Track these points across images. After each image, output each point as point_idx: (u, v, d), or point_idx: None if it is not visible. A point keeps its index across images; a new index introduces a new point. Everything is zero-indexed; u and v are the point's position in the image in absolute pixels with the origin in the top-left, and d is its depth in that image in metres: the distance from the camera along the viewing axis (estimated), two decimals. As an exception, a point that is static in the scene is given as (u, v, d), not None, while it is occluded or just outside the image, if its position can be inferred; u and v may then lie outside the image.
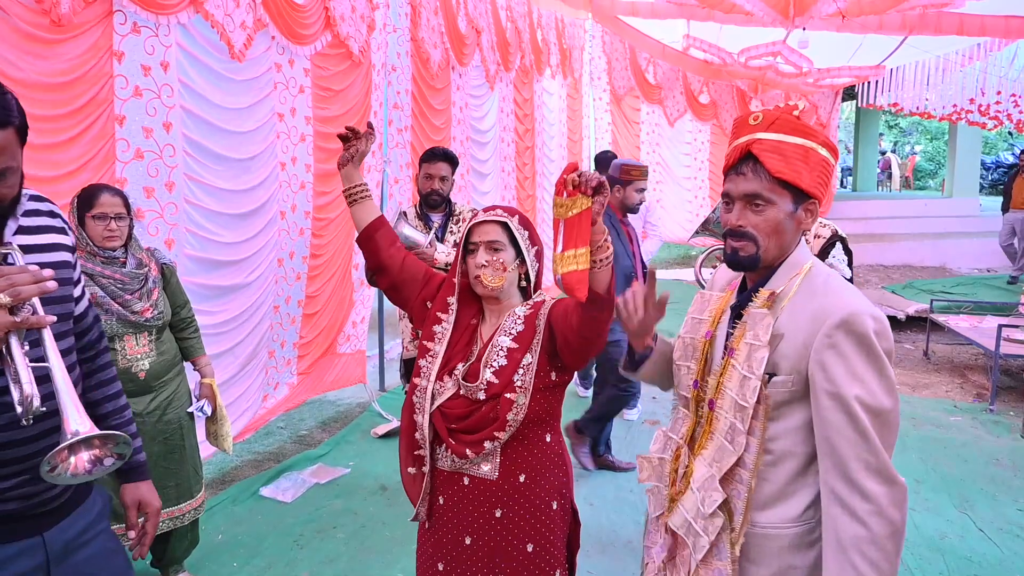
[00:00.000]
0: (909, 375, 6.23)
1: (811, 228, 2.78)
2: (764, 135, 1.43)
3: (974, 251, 10.74)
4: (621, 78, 9.84)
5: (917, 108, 11.88)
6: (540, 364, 1.76)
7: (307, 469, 4.10)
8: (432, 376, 1.80)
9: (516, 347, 1.76)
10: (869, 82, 11.40)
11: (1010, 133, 19.25)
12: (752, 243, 1.44)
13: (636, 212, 4.15)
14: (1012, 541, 3.44)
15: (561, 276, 1.49)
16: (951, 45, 9.74)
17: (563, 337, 1.72)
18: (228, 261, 3.76)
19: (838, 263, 2.76)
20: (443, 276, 1.95)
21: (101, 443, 1.23)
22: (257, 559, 3.20)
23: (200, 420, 2.95)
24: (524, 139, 7.73)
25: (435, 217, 3.57)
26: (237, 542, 3.33)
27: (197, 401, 2.90)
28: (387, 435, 4.59)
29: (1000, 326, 5.41)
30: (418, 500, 1.84)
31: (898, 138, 26.29)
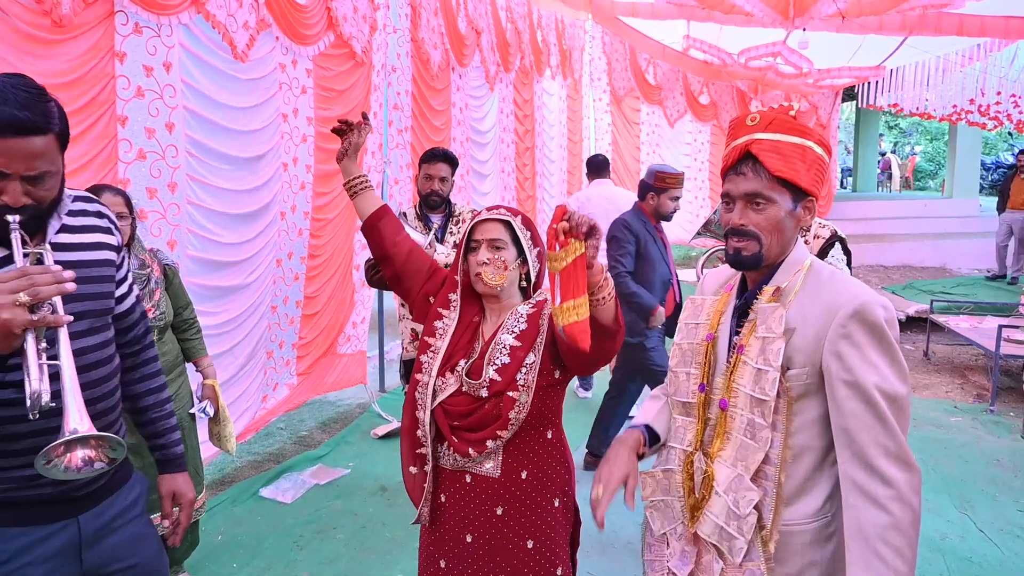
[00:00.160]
0: (909, 376, 6.22)
1: (810, 225, 2.81)
2: (762, 135, 1.45)
3: (974, 251, 10.75)
4: (621, 79, 9.83)
5: (917, 109, 11.91)
6: (543, 363, 1.76)
7: (307, 470, 4.10)
8: (434, 372, 1.79)
9: (519, 345, 1.76)
10: (869, 83, 11.42)
11: (1010, 134, 19.27)
12: (755, 242, 1.46)
13: (670, 220, 3.98)
14: (1012, 542, 3.44)
15: (563, 328, 1.48)
16: (951, 46, 9.76)
17: (570, 352, 1.70)
18: (229, 262, 3.76)
19: (837, 263, 2.76)
20: (447, 272, 1.95)
21: (96, 444, 1.29)
22: (257, 560, 3.20)
23: (202, 421, 2.95)
24: (524, 140, 7.73)
25: (435, 218, 3.57)
26: (237, 543, 3.33)
27: (199, 402, 2.90)
28: (387, 436, 4.59)
29: (1000, 326, 5.42)
30: (420, 501, 1.83)
31: (898, 139, 26.30)
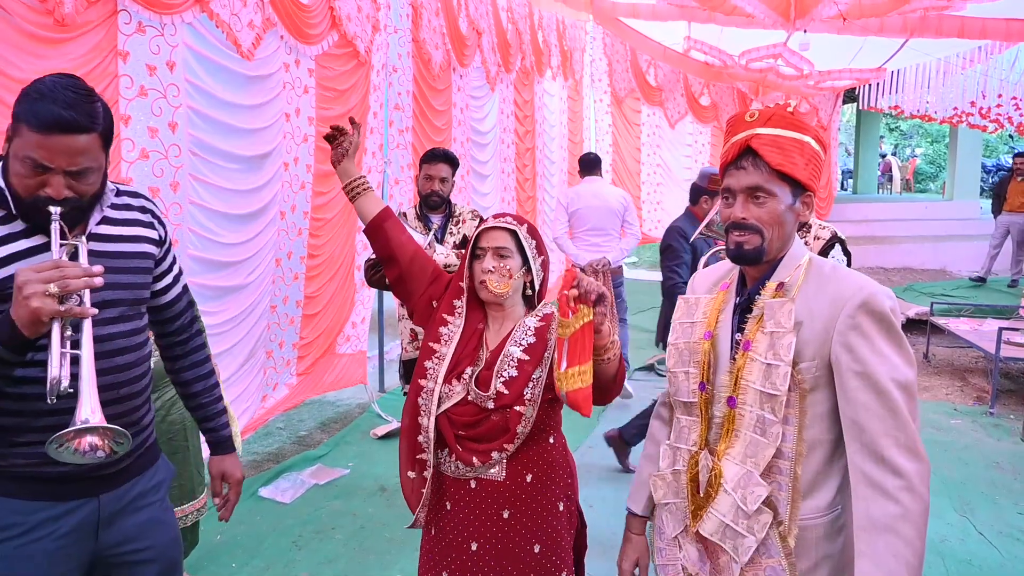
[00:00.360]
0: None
1: (810, 224, 2.80)
2: (762, 130, 1.46)
3: (974, 254, 10.73)
4: (622, 80, 9.84)
5: (918, 111, 11.92)
6: (549, 377, 1.75)
7: (306, 470, 4.09)
8: (439, 378, 1.78)
9: (527, 359, 1.76)
10: (870, 85, 11.42)
11: (1011, 136, 19.27)
12: (757, 235, 1.46)
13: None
14: (1012, 545, 3.44)
15: (566, 393, 1.48)
16: (952, 48, 9.75)
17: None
18: (230, 262, 3.76)
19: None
20: (451, 277, 1.93)
21: (103, 433, 1.34)
22: (256, 560, 3.20)
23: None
24: (524, 140, 7.73)
25: (435, 218, 3.57)
26: (236, 543, 3.33)
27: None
28: (387, 436, 4.59)
29: (1000, 329, 5.41)
30: (417, 506, 1.81)
31: (899, 141, 26.30)
